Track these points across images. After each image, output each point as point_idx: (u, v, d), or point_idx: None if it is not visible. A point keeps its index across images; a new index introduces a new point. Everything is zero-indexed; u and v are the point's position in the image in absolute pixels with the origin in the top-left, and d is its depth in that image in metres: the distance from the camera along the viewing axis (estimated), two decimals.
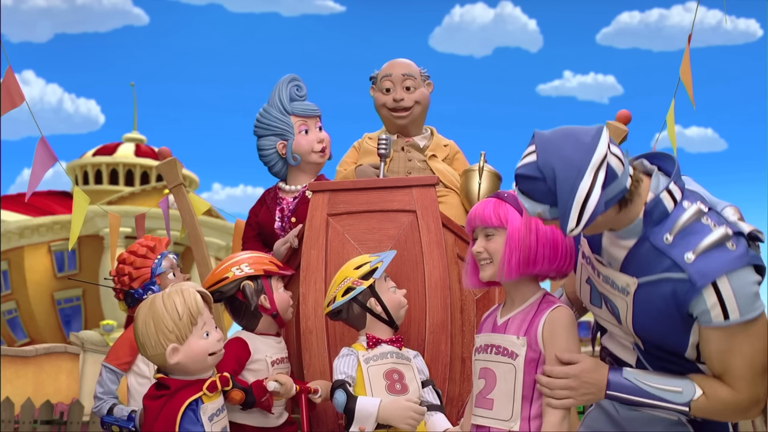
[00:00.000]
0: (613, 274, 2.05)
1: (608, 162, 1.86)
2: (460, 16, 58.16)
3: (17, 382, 10.02)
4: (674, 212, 1.96)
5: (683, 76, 4.19)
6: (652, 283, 1.96)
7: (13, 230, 21.37)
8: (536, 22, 55.35)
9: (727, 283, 1.88)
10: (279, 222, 3.45)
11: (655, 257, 1.95)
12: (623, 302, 2.04)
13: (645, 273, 1.97)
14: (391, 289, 2.66)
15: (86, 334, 11.82)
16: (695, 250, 1.90)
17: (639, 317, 2.02)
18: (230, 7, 53.51)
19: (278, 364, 2.80)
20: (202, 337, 2.32)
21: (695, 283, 1.88)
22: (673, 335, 2.00)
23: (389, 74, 3.59)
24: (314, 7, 54.16)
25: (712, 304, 1.89)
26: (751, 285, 1.91)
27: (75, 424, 7.44)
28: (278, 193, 3.53)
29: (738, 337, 1.91)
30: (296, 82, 3.48)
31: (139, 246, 3.24)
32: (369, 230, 2.99)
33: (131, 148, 24.60)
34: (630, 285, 2.00)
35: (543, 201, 1.89)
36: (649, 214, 1.96)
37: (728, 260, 1.89)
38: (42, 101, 51.87)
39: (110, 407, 3.04)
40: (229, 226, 19.42)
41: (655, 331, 2.02)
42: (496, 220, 2.22)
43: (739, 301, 1.88)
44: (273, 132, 3.45)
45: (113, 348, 3.19)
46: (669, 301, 1.93)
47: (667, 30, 52.91)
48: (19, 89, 3.78)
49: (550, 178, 1.85)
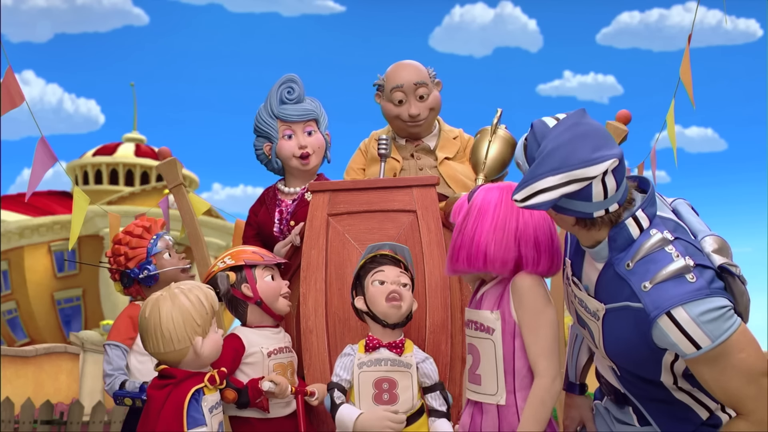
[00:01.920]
0: (586, 298, 2.07)
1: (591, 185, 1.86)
2: (460, 16, 58.16)
3: (17, 382, 10.03)
4: (639, 239, 1.94)
5: (683, 76, 4.19)
6: (617, 310, 1.96)
7: (13, 230, 21.37)
8: (536, 22, 55.34)
9: (684, 314, 1.83)
10: (278, 224, 3.44)
11: (617, 284, 1.95)
12: (595, 326, 2.05)
13: (611, 300, 1.98)
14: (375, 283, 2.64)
15: (86, 334, 11.82)
16: (652, 279, 1.87)
17: (609, 343, 2.02)
18: (230, 7, 53.50)
19: (276, 354, 2.81)
20: (215, 330, 2.43)
21: (649, 314, 1.86)
22: (644, 362, 1.98)
23: (400, 85, 3.42)
24: (314, 7, 54.16)
25: (677, 337, 1.84)
26: (715, 312, 1.84)
27: (75, 424, 7.44)
28: (277, 194, 3.52)
29: (720, 361, 1.85)
30: (289, 85, 3.43)
31: (134, 226, 3.27)
32: (369, 230, 2.99)
33: (131, 148, 24.62)
34: (599, 311, 2.01)
35: (528, 159, 1.97)
36: (612, 240, 1.95)
37: (684, 292, 1.85)
38: (42, 101, 51.89)
39: (122, 382, 3.05)
40: (229, 226, 19.42)
41: (625, 358, 2.01)
42: (452, 217, 2.35)
43: (705, 328, 1.83)
44: (261, 133, 3.46)
45: (114, 326, 3.21)
46: (633, 330, 1.92)
47: (667, 30, 52.91)
48: (19, 89, 3.77)
49: (540, 151, 1.89)
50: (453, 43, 58.07)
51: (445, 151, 3.53)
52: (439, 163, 3.49)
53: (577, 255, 2.13)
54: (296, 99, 3.44)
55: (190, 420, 2.27)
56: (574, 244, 2.15)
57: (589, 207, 1.90)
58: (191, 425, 2.27)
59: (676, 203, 2.12)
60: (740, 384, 1.85)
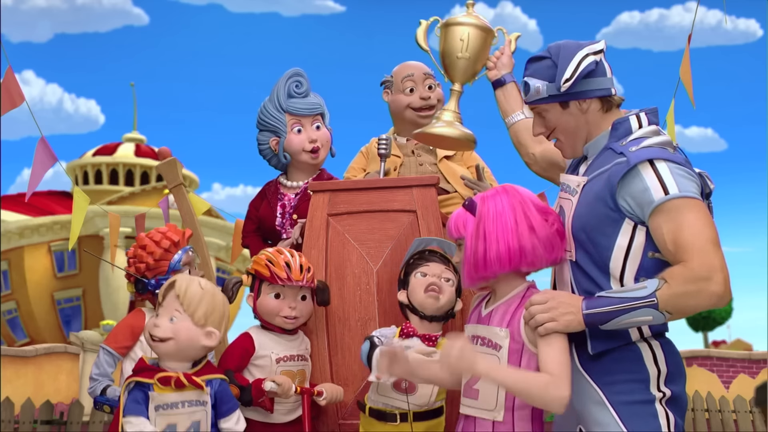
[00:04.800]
0: (569, 178, 2.34)
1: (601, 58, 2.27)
2: None
3: (17, 382, 10.02)
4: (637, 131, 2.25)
5: (683, 76, 4.20)
6: (598, 176, 2.22)
7: (13, 230, 21.36)
8: (536, 22, 55.34)
9: (665, 165, 2.10)
10: (280, 218, 3.44)
11: (609, 157, 2.22)
12: (570, 203, 2.28)
13: (596, 170, 2.24)
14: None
15: (86, 334, 11.81)
16: (639, 145, 2.16)
17: (578, 211, 2.22)
18: (230, 7, 53.52)
19: (286, 361, 2.77)
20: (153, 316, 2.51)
21: (630, 161, 2.10)
22: (601, 230, 2.16)
23: (410, 74, 3.51)
24: (314, 7, 54.15)
25: (650, 181, 2.08)
26: (687, 174, 2.11)
27: (75, 424, 7.43)
28: (279, 188, 3.52)
29: (682, 213, 2.04)
30: (297, 79, 3.45)
31: (163, 238, 3.15)
32: (369, 230, 2.99)
33: (131, 148, 24.61)
34: (580, 183, 2.27)
35: (543, 77, 2.29)
36: (615, 128, 2.27)
37: (666, 153, 2.13)
38: (42, 101, 51.91)
39: (104, 388, 3.03)
40: (229, 226, 19.43)
41: (586, 226, 2.18)
42: (456, 232, 2.32)
43: (676, 179, 2.07)
44: (268, 128, 3.45)
45: (113, 331, 3.15)
46: (604, 185, 2.15)
47: (667, 30, 52.92)
48: (19, 89, 3.77)
49: (555, 53, 2.27)
50: None
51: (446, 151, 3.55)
52: (438, 161, 3.50)
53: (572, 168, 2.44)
54: (304, 93, 3.46)
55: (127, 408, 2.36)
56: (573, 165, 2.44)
57: (606, 82, 2.28)
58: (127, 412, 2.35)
59: None
60: (691, 235, 2.02)
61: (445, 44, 2.87)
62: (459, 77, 2.90)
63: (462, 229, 2.29)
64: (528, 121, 2.76)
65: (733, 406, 8.27)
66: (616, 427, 2.09)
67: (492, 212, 2.22)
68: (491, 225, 2.20)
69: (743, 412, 8.22)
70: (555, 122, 2.34)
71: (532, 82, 2.30)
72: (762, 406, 8.20)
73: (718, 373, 11.26)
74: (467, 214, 2.29)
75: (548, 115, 2.34)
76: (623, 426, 2.09)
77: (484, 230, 2.21)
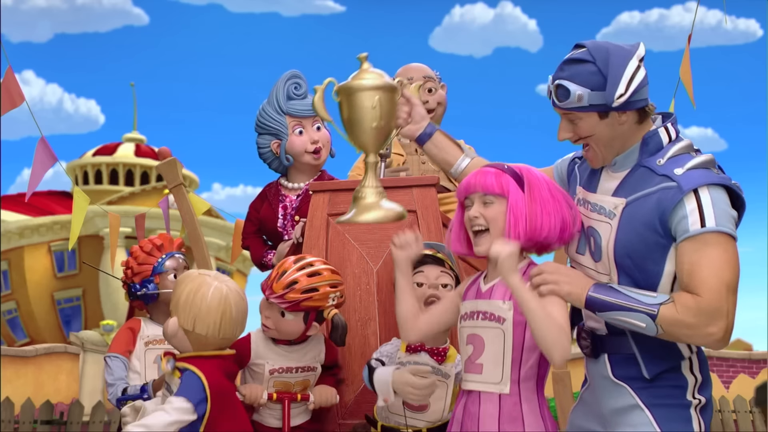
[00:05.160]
0: (602, 199, 2.20)
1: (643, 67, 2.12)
2: (460, 16, 58.19)
3: (17, 382, 10.03)
4: (668, 145, 2.16)
5: (683, 76, 4.20)
6: (640, 199, 2.10)
7: (13, 230, 21.38)
8: (536, 22, 55.39)
9: (707, 193, 2.02)
10: (281, 220, 3.44)
11: (646, 177, 2.12)
12: (608, 227, 2.15)
13: (635, 191, 2.12)
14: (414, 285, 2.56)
15: (86, 334, 11.82)
16: (684, 166, 2.07)
17: (621, 237, 2.11)
18: (230, 7, 53.54)
19: (281, 373, 2.69)
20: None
21: (682, 187, 2.02)
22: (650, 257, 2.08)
23: (410, 78, 3.54)
24: (314, 7, 54.18)
25: (691, 210, 2.01)
26: (727, 206, 2.04)
27: (75, 424, 7.44)
28: (280, 190, 3.52)
29: (709, 248, 1.99)
30: (295, 80, 3.45)
31: (148, 242, 3.22)
32: (369, 230, 2.99)
33: (131, 148, 24.63)
34: (618, 206, 2.14)
35: (586, 84, 2.09)
36: (645, 143, 2.16)
37: (712, 176, 2.06)
38: (42, 101, 51.89)
39: (124, 389, 3.06)
40: (229, 226, 19.42)
41: (632, 253, 2.09)
42: (498, 188, 2.19)
43: (716, 211, 2.01)
44: (268, 131, 3.45)
45: (115, 339, 3.20)
46: (653, 212, 2.05)
47: (667, 30, 52.93)
48: (19, 89, 3.78)
49: (602, 58, 2.09)
50: (453, 43, 58.12)
51: None
52: None
53: (591, 181, 2.29)
54: (303, 94, 3.46)
55: None
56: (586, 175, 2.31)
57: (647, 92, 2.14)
58: None
59: None
60: (709, 273, 1.98)
61: (351, 112, 2.36)
62: (374, 147, 2.41)
63: (505, 188, 2.18)
64: (478, 161, 2.52)
65: (733, 406, 8.28)
66: (651, 428, 2.09)
67: (543, 183, 2.19)
68: (546, 192, 2.18)
69: (743, 412, 8.23)
70: (588, 131, 2.16)
71: (572, 88, 2.10)
72: (762, 406, 8.21)
73: (718, 373, 11.27)
74: (506, 176, 2.20)
75: (582, 123, 2.16)
76: (658, 427, 2.09)
77: (540, 195, 2.17)
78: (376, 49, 59.38)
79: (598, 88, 2.08)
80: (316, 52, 57.65)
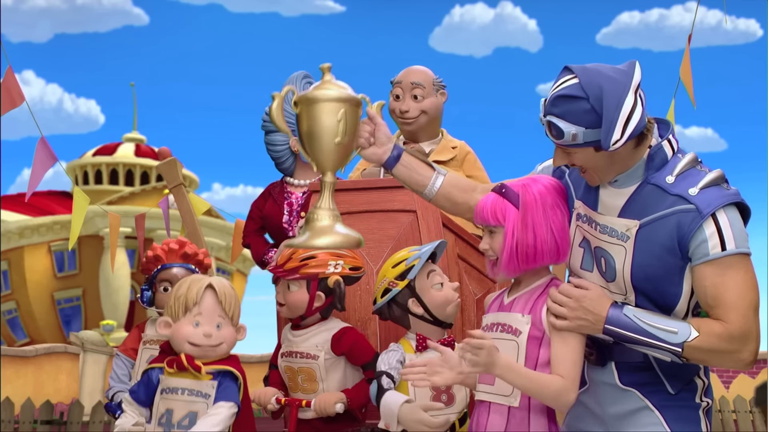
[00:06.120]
0: (611, 221, 2.11)
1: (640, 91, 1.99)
2: (460, 16, 58.16)
3: (17, 382, 10.03)
4: (673, 159, 2.09)
5: (683, 76, 4.21)
6: (655, 221, 2.04)
7: (13, 230, 21.37)
8: (536, 22, 55.34)
9: (724, 216, 1.99)
10: (287, 216, 3.46)
11: (658, 197, 2.05)
12: (621, 250, 2.09)
13: (647, 213, 2.05)
14: (436, 286, 2.55)
15: (86, 334, 11.83)
16: (698, 185, 2.02)
17: (638, 261, 2.06)
18: (230, 7, 53.54)
19: (284, 357, 2.80)
20: (191, 324, 2.44)
21: (701, 211, 1.98)
22: (669, 280, 2.05)
23: (400, 81, 3.55)
24: (314, 7, 54.18)
25: (710, 234, 1.98)
26: (741, 224, 2.04)
27: (75, 424, 7.44)
28: (286, 187, 3.55)
29: (732, 270, 1.98)
30: (308, 80, 3.51)
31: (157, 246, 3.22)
32: (369, 230, 2.99)
33: (131, 148, 24.61)
34: (631, 228, 2.07)
35: (579, 122, 1.97)
36: (651, 158, 2.08)
37: (726, 194, 2.02)
38: (42, 101, 51.86)
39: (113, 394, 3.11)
40: (229, 226, 19.42)
41: (651, 276, 2.06)
42: (493, 219, 2.18)
43: (735, 232, 1.99)
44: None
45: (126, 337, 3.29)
46: (672, 235, 2.01)
47: (667, 30, 52.93)
48: (19, 89, 3.78)
49: (595, 96, 1.94)
50: (453, 43, 58.12)
51: (439, 155, 3.56)
52: None
53: (589, 194, 2.20)
54: None
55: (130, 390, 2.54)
56: (583, 186, 2.22)
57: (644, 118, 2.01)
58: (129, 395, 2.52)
59: None
60: (735, 297, 1.97)
61: (311, 125, 2.19)
62: (333, 165, 2.23)
63: (501, 217, 2.17)
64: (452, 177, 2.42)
65: (733, 406, 8.28)
66: (661, 428, 2.10)
67: (539, 201, 2.15)
68: (540, 215, 2.14)
69: (743, 412, 8.23)
70: (584, 162, 2.08)
71: (566, 128, 1.98)
72: (762, 406, 8.21)
73: (718, 373, 11.28)
74: (505, 202, 2.19)
75: (577, 156, 2.07)
76: (668, 427, 2.09)
77: (533, 221, 2.14)
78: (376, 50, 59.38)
79: (592, 126, 1.96)
80: (316, 52, 57.65)
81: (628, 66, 2.01)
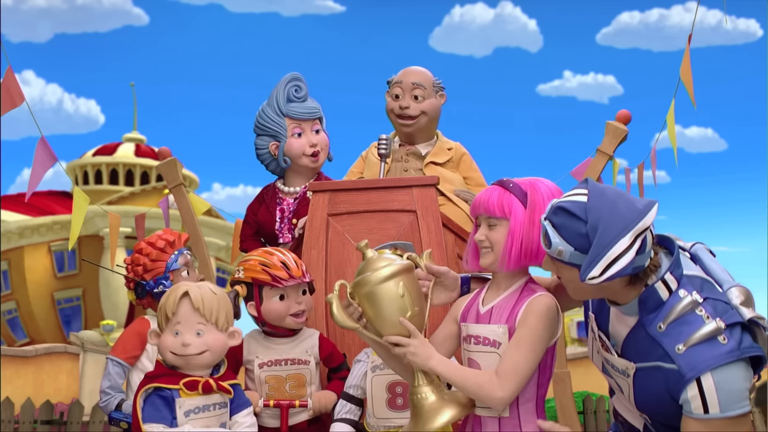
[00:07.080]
0: (613, 359, 2.10)
1: (646, 235, 1.92)
2: (460, 16, 58.14)
3: (17, 382, 10.03)
4: (669, 300, 1.98)
5: (683, 76, 4.20)
6: (648, 369, 2.00)
7: (13, 230, 21.36)
8: (536, 22, 55.32)
9: (710, 379, 1.89)
10: (279, 223, 3.45)
11: (649, 344, 1.99)
12: (625, 383, 2.09)
13: (641, 359, 2.01)
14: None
15: (86, 334, 11.82)
16: (686, 342, 1.92)
17: (639, 399, 2.05)
18: (230, 7, 53.50)
19: (271, 366, 2.74)
20: (171, 334, 2.40)
21: (684, 375, 1.91)
22: (675, 415, 2.00)
23: (400, 81, 3.54)
24: (314, 7, 54.16)
25: (692, 396, 1.90)
26: (738, 381, 1.91)
27: (75, 424, 7.44)
28: (277, 193, 3.53)
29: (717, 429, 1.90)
30: (296, 83, 3.46)
31: (158, 238, 3.14)
32: (369, 230, 2.99)
33: (131, 148, 24.61)
34: (629, 369, 2.05)
35: (570, 241, 1.93)
36: (643, 302, 2.00)
37: (717, 355, 1.90)
38: (42, 101, 51.83)
39: (119, 403, 2.98)
40: (229, 226, 19.42)
41: (657, 413, 2.05)
42: (499, 211, 2.19)
43: (721, 396, 1.89)
44: (267, 132, 3.45)
45: (120, 340, 3.10)
46: (663, 389, 1.96)
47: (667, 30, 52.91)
48: (19, 89, 3.77)
49: (593, 224, 1.89)
50: (453, 43, 58.09)
51: (435, 157, 3.57)
52: (424, 166, 3.52)
53: (602, 309, 2.15)
54: (303, 97, 3.47)
55: (146, 414, 2.35)
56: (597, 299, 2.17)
57: (644, 258, 1.93)
58: (147, 419, 2.34)
59: (696, 248, 2.16)
60: None
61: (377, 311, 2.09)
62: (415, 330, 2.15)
63: (507, 210, 2.18)
64: None
65: None
66: None
67: (547, 202, 2.14)
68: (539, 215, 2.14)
69: None
70: (568, 280, 2.04)
71: (555, 242, 1.94)
72: (762, 406, 8.20)
73: None
74: (511, 196, 2.19)
75: (562, 270, 2.02)
76: None
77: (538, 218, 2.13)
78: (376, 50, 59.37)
79: (581, 250, 1.92)
80: (316, 52, 57.68)
81: (645, 205, 1.93)
